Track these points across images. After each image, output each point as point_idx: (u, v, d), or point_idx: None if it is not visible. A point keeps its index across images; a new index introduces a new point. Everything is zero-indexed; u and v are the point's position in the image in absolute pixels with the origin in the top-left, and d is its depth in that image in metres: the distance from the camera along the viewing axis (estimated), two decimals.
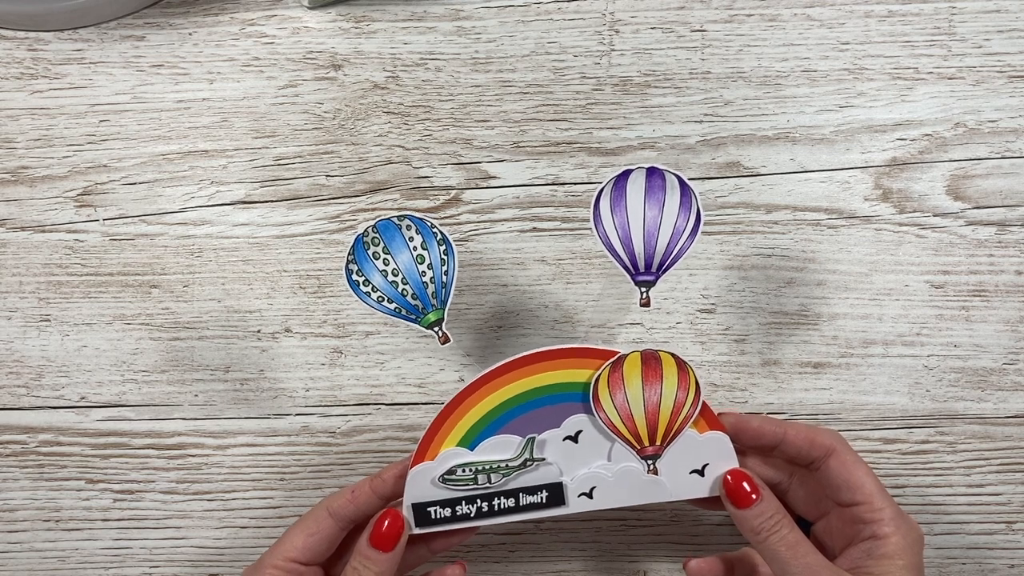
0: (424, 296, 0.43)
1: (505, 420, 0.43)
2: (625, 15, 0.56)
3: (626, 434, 0.43)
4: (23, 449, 0.53)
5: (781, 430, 0.44)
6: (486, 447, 0.43)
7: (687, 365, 0.43)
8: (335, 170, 0.55)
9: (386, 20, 0.56)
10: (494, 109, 0.55)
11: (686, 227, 0.43)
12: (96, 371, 0.54)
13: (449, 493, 0.43)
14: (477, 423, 0.43)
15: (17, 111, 0.55)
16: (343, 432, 0.53)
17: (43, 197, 0.55)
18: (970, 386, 0.53)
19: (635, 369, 0.43)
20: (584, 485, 0.43)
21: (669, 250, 0.43)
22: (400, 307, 0.43)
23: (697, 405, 0.43)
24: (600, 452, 0.44)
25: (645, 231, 0.43)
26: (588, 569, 0.53)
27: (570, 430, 0.43)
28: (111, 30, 0.56)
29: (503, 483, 0.43)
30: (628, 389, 0.43)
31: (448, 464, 0.43)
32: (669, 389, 0.43)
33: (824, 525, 0.45)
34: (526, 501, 0.43)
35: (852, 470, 0.42)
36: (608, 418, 0.43)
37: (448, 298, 0.43)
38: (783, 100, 0.55)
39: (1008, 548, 0.52)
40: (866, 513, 0.42)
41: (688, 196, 0.43)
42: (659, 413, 0.43)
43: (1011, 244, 0.53)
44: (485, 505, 0.43)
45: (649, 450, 0.43)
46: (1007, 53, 0.55)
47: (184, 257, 0.54)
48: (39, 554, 0.53)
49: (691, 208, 0.43)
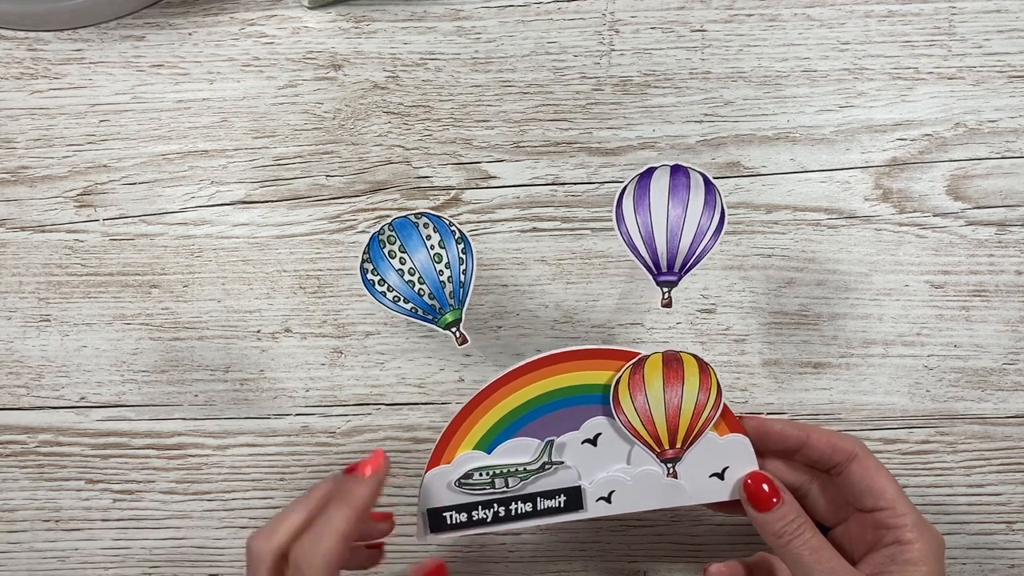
0: (442, 296, 0.42)
1: (523, 423, 0.42)
2: (625, 15, 0.56)
3: (646, 437, 0.42)
4: (23, 449, 0.53)
5: (804, 434, 0.43)
6: (504, 450, 0.42)
7: (709, 367, 0.43)
8: (335, 170, 0.55)
9: (386, 20, 0.56)
10: (494, 109, 0.55)
11: (710, 226, 0.42)
12: (96, 371, 0.54)
13: (466, 497, 0.42)
14: (494, 426, 0.42)
15: (17, 111, 0.55)
16: (343, 432, 0.53)
17: (43, 197, 0.55)
18: (970, 386, 0.53)
19: (656, 371, 0.42)
20: (603, 489, 0.43)
21: (692, 250, 0.42)
22: (417, 307, 0.42)
23: (718, 407, 0.43)
24: (619, 455, 0.43)
25: (668, 230, 0.42)
26: (588, 569, 0.53)
27: (589, 433, 0.43)
28: (111, 30, 0.56)
29: (521, 487, 0.42)
30: (649, 391, 0.42)
31: (465, 468, 0.42)
32: (690, 391, 0.42)
33: (843, 530, 0.44)
34: (544, 505, 0.43)
35: (874, 476, 0.42)
36: (628, 421, 0.42)
37: (466, 298, 0.42)
38: (783, 100, 0.55)
39: (1008, 548, 0.52)
40: (889, 519, 0.41)
41: (713, 194, 0.42)
42: (680, 415, 0.42)
43: (1011, 244, 0.53)
44: (502, 510, 0.43)
45: (669, 453, 0.43)
46: (1007, 53, 0.55)
47: (184, 257, 0.54)
48: (39, 554, 0.53)
49: (715, 207, 0.42)
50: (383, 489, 0.41)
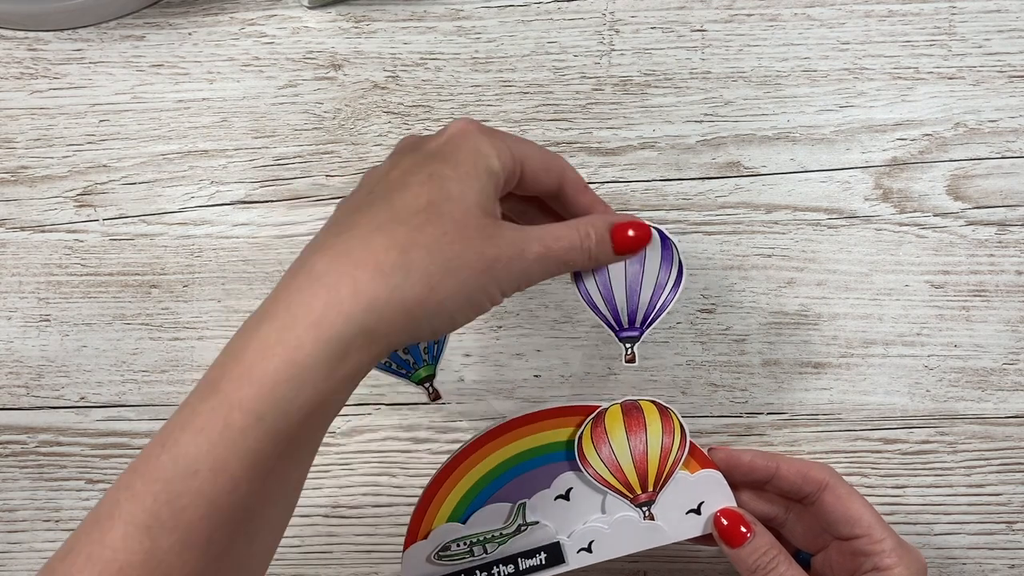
0: (415, 350, 0.43)
1: (493, 488, 0.43)
2: (625, 15, 0.56)
3: (617, 485, 0.43)
4: (23, 449, 0.53)
5: (773, 464, 0.43)
6: (478, 518, 0.43)
7: (669, 410, 0.43)
8: (335, 170, 0.55)
9: (386, 20, 0.56)
10: (494, 109, 0.55)
11: (668, 280, 0.43)
12: (96, 371, 0.54)
13: (447, 568, 0.43)
14: (464, 496, 0.43)
15: (17, 111, 0.55)
16: (343, 432, 0.53)
17: (43, 197, 0.55)
18: (970, 386, 0.53)
19: (617, 421, 0.43)
20: (582, 540, 0.43)
21: (652, 304, 0.43)
22: (390, 361, 0.42)
23: (684, 447, 0.43)
24: (593, 506, 0.44)
25: (628, 287, 0.42)
26: (588, 570, 0.53)
27: (560, 489, 0.43)
28: (111, 30, 0.56)
29: (500, 551, 0.43)
30: (613, 442, 0.43)
31: (442, 540, 0.43)
32: (654, 436, 0.43)
33: (823, 558, 0.44)
34: (526, 565, 0.43)
35: (848, 503, 0.42)
36: (597, 472, 0.43)
37: (440, 354, 0.43)
38: (783, 100, 0.55)
39: (1008, 548, 0.52)
40: (867, 545, 0.41)
41: (669, 249, 0.42)
42: (648, 460, 0.43)
43: (1011, 244, 0.53)
44: (485, 575, 0.43)
45: (643, 497, 0.44)
46: (1007, 53, 0.55)
47: (184, 257, 0.54)
48: (39, 554, 0.53)
49: (672, 261, 0.43)
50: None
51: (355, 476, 0.53)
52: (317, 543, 0.53)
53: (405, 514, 0.52)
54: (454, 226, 0.34)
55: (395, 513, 0.53)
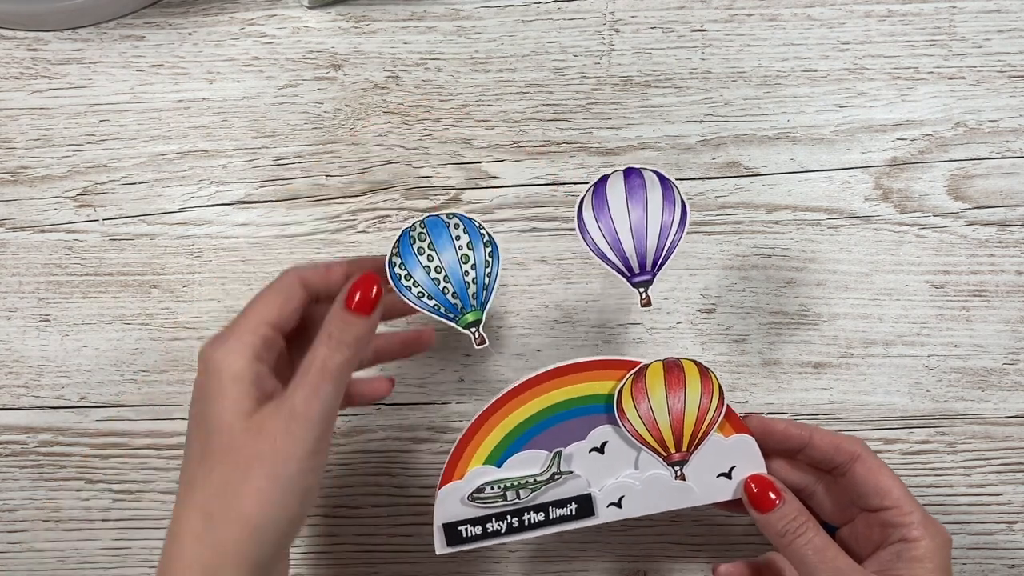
0: (464, 296, 0.42)
1: (531, 435, 0.43)
2: (625, 15, 0.56)
3: (652, 442, 0.43)
4: (23, 449, 0.53)
5: (807, 434, 0.44)
6: (513, 463, 0.43)
7: (710, 371, 0.43)
8: (335, 170, 0.55)
9: (386, 20, 0.56)
10: (494, 109, 0.55)
11: (673, 221, 0.43)
12: (96, 371, 0.54)
13: (479, 511, 0.43)
14: (503, 440, 0.43)
15: (17, 111, 0.55)
16: (343, 432, 0.53)
17: (43, 197, 0.55)
18: (970, 386, 0.53)
19: (658, 378, 0.43)
20: (613, 495, 0.43)
21: (660, 246, 0.43)
22: (440, 304, 0.42)
23: (721, 410, 0.43)
24: (627, 461, 0.43)
25: (633, 232, 0.42)
26: (588, 569, 0.53)
27: (596, 442, 0.43)
28: (110, 30, 0.56)
29: (532, 498, 0.43)
30: (652, 398, 0.43)
31: (476, 482, 0.43)
32: (693, 396, 0.43)
33: (850, 530, 0.44)
34: (556, 514, 0.43)
35: (878, 475, 0.42)
36: (633, 428, 0.43)
37: (489, 300, 0.43)
38: (783, 100, 0.55)
39: (1008, 548, 0.52)
40: (895, 517, 0.42)
41: (670, 190, 0.42)
42: (684, 420, 0.43)
43: (1011, 244, 0.53)
44: (515, 520, 0.43)
45: (676, 456, 0.43)
46: (1007, 53, 0.55)
47: (184, 257, 0.54)
48: (39, 554, 0.53)
49: (675, 201, 0.42)
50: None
51: (355, 476, 0.53)
52: (317, 543, 0.53)
53: (405, 514, 0.52)
54: (225, 458, 0.37)
55: (395, 513, 0.53)
